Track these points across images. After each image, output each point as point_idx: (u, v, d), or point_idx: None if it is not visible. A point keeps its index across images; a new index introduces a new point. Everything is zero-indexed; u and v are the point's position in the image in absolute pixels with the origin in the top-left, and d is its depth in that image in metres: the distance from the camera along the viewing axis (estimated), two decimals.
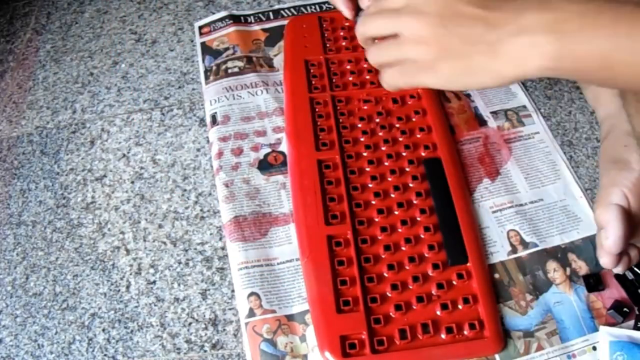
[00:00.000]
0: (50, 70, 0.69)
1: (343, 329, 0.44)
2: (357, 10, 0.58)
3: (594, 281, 0.46)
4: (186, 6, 0.73)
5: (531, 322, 0.45)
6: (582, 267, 0.48)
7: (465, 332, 0.44)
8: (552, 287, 0.47)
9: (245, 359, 0.46)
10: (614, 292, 0.46)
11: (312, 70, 0.61)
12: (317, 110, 0.57)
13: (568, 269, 0.48)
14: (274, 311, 0.47)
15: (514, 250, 0.49)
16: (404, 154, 0.53)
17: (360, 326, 0.44)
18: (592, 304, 0.46)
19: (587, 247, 0.49)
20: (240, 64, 0.64)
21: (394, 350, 0.43)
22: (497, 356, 0.44)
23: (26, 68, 0.70)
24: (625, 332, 0.43)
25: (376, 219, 0.50)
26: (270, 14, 0.70)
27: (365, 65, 0.61)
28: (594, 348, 0.44)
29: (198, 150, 0.59)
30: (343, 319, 0.44)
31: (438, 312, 0.45)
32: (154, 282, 0.51)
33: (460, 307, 0.45)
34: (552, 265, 0.48)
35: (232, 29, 0.67)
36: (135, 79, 0.66)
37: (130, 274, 0.52)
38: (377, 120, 0.56)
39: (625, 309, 0.45)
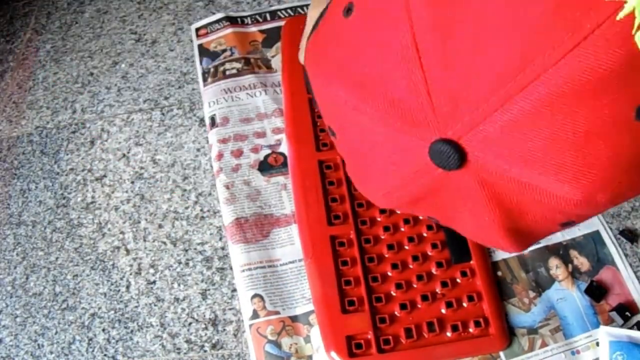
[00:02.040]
0: (50, 70, 0.69)
1: (349, 329, 0.44)
2: None
3: (597, 289, 0.46)
4: (186, 6, 0.73)
5: (535, 319, 0.45)
6: (583, 264, 0.48)
7: (471, 330, 0.44)
8: (555, 284, 0.47)
9: None
10: (621, 295, 0.46)
11: None
12: (316, 110, 0.57)
13: (570, 266, 0.48)
14: (277, 312, 0.47)
15: None
16: None
17: (365, 326, 0.44)
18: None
19: (589, 243, 0.49)
20: (238, 65, 0.64)
21: (400, 349, 0.43)
22: (501, 353, 0.44)
23: (26, 68, 0.69)
24: (625, 332, 0.43)
25: (379, 219, 0.50)
26: (267, 14, 0.70)
27: None
28: (598, 344, 0.44)
29: (198, 150, 0.59)
30: (348, 319, 0.44)
31: (443, 310, 0.45)
32: (154, 282, 0.51)
33: (465, 304, 0.45)
34: (554, 262, 0.48)
35: (229, 30, 0.67)
36: (135, 79, 0.66)
37: (130, 274, 0.52)
38: None
39: (627, 313, 0.45)
